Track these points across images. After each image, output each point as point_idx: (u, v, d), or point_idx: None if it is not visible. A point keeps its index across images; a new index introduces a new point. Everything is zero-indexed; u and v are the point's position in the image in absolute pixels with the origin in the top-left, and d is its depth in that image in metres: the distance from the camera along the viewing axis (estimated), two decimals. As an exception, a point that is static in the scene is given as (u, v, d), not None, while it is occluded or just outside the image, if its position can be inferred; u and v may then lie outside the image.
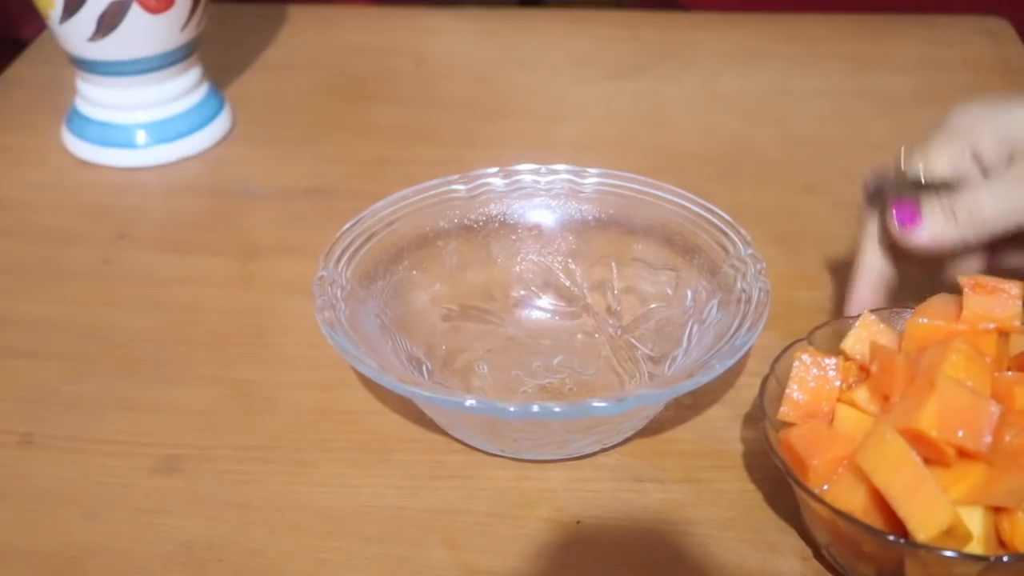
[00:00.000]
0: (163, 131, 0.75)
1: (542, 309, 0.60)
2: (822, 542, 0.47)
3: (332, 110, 0.81)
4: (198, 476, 0.53)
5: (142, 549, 0.49)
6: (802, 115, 0.79)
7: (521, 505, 0.51)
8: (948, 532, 0.41)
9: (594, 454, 0.53)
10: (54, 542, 0.50)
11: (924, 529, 0.41)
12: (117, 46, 0.72)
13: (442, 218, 0.59)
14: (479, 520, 0.50)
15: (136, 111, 0.75)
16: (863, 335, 0.48)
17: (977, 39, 0.87)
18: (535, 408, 0.46)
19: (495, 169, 0.60)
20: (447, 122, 0.80)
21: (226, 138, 0.78)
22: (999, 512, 0.42)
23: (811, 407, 0.47)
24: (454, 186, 0.59)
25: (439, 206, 0.59)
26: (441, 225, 0.59)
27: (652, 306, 0.57)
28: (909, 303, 0.51)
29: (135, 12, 0.70)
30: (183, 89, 0.76)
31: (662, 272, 0.57)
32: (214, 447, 0.54)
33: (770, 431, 0.47)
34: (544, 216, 0.60)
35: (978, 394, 0.43)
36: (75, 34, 0.71)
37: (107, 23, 0.70)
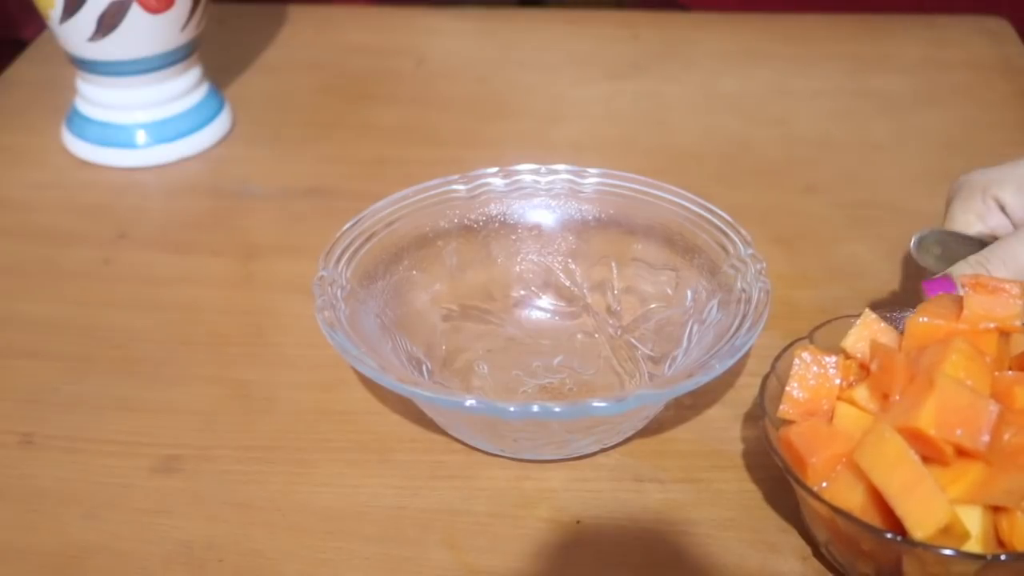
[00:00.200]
0: (163, 131, 0.75)
1: (542, 309, 0.60)
2: (821, 540, 0.47)
3: (332, 110, 0.81)
4: (198, 476, 0.53)
5: (142, 549, 0.49)
6: (802, 115, 0.79)
7: (521, 505, 0.51)
8: (945, 530, 0.41)
9: (594, 454, 0.53)
10: (54, 542, 0.50)
11: (921, 527, 0.41)
12: (117, 46, 0.72)
13: (442, 218, 0.59)
14: (479, 520, 0.50)
15: (136, 111, 0.75)
16: (864, 333, 0.48)
17: (977, 39, 0.87)
18: (535, 408, 0.46)
19: (495, 169, 0.60)
20: (447, 122, 0.80)
21: (226, 138, 0.78)
22: (998, 511, 0.42)
23: (811, 405, 0.47)
24: (454, 186, 0.59)
25: (439, 206, 0.59)
26: (441, 225, 0.59)
27: (652, 306, 0.57)
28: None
29: (135, 12, 0.70)
30: (183, 89, 0.76)
31: (662, 272, 0.57)
32: (214, 447, 0.54)
33: (770, 428, 0.47)
34: (544, 216, 0.60)
35: (977, 393, 0.43)
36: (75, 34, 0.72)
37: (107, 23, 0.70)
